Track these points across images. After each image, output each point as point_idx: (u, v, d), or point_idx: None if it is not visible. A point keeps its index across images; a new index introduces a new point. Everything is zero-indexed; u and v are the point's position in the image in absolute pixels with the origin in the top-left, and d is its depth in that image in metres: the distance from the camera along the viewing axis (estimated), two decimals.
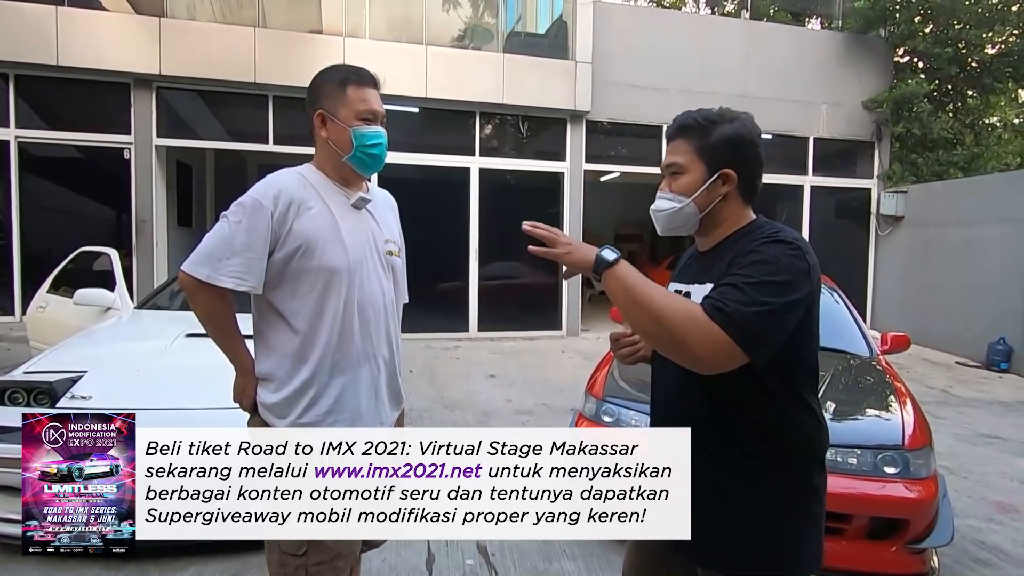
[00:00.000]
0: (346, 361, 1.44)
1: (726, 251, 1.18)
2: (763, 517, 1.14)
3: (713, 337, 0.99)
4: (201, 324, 1.43)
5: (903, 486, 2.35)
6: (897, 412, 2.67)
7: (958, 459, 4.08)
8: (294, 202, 1.40)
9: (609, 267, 1.08)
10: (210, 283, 1.34)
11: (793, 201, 9.28)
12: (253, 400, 1.46)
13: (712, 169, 1.19)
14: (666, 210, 1.23)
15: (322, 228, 1.42)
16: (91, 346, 3.20)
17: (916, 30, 9.42)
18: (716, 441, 1.16)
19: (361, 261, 1.47)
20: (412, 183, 7.93)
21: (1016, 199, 7.22)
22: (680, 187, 1.21)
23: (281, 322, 1.43)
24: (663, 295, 1.05)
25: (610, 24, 8.27)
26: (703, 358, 1.01)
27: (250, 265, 1.36)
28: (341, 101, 1.47)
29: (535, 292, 8.56)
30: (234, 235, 1.35)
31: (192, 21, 7.04)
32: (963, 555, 2.79)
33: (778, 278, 1.03)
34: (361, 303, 1.46)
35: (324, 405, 1.42)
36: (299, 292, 1.41)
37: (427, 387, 5.47)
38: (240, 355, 1.47)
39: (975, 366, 7.29)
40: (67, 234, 6.90)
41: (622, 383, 3.05)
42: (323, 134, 1.48)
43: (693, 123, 1.21)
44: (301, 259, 1.39)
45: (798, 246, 1.08)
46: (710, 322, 1.00)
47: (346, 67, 1.52)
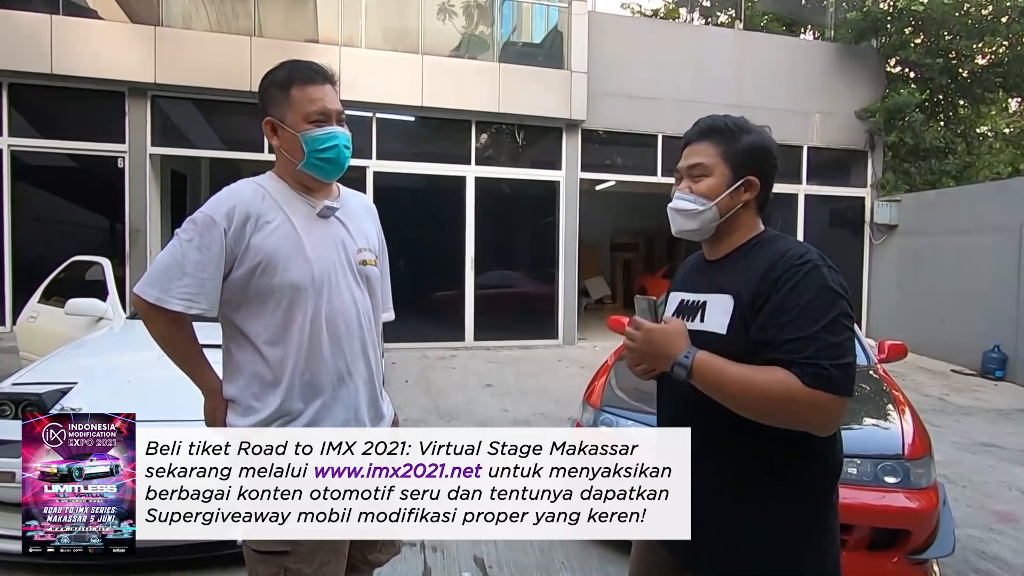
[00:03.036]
0: (318, 383, 1.34)
1: (740, 261, 1.16)
2: (788, 537, 1.11)
3: (825, 405, 0.99)
4: (160, 347, 1.35)
5: (904, 496, 2.34)
6: (896, 421, 2.66)
7: (957, 468, 4.06)
8: (251, 217, 1.30)
9: (689, 376, 1.07)
10: (159, 306, 1.26)
11: (788, 210, 9.32)
12: (223, 423, 1.37)
13: (737, 175, 1.17)
14: (687, 210, 1.19)
15: (283, 242, 1.31)
16: (82, 357, 3.16)
17: (907, 41, 9.54)
18: (742, 462, 1.11)
19: (328, 274, 1.35)
20: (408, 192, 7.92)
21: (1008, 208, 7.27)
22: (703, 189, 1.18)
23: (246, 343, 1.34)
24: (754, 380, 1.02)
25: (605, 34, 8.33)
26: (823, 426, 1.02)
27: (202, 286, 1.27)
28: (287, 105, 1.34)
29: (531, 301, 8.54)
30: (185, 254, 1.26)
31: (187, 30, 7.04)
32: (964, 565, 2.77)
33: (841, 308, 1.03)
34: (330, 318, 1.35)
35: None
36: (263, 311, 1.32)
37: (423, 397, 5.43)
38: (205, 377, 1.38)
39: (970, 374, 7.30)
40: (60, 243, 6.85)
41: (620, 393, 3.04)
42: (275, 143, 1.38)
43: (723, 127, 1.19)
44: (262, 277, 1.30)
45: (830, 265, 1.08)
46: (815, 392, 0.98)
47: (290, 65, 1.37)
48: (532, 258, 8.73)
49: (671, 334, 1.10)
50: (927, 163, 9.40)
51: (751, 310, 1.08)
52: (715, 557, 1.13)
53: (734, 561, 1.12)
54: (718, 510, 1.12)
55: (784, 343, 1.01)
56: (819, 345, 0.99)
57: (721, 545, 1.13)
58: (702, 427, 1.14)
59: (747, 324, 1.08)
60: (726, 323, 1.11)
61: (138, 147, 7.01)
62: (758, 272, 1.10)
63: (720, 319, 1.12)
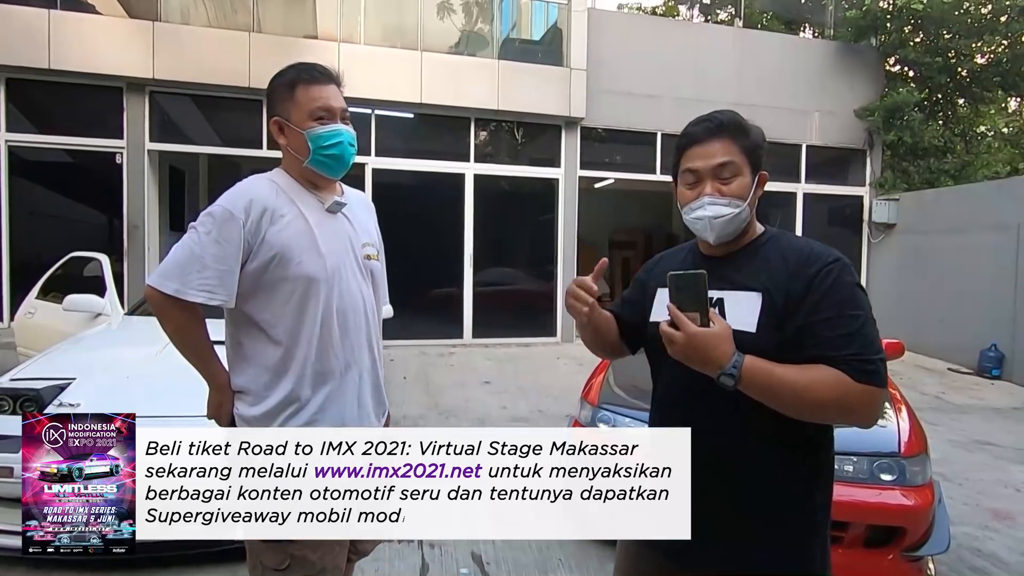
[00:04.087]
0: (327, 371, 1.39)
1: (754, 258, 1.16)
2: (792, 533, 1.12)
3: (873, 397, 1.01)
4: (171, 341, 1.37)
5: (899, 493, 2.35)
6: (893, 419, 2.66)
7: (953, 466, 4.08)
8: (267, 210, 1.34)
9: (736, 384, 1.03)
10: (179, 297, 1.28)
11: (786, 208, 9.33)
12: (230, 415, 1.40)
13: (755, 171, 1.16)
14: (726, 216, 1.13)
15: (297, 236, 1.36)
16: (80, 352, 3.16)
17: (907, 40, 9.54)
18: (755, 456, 1.11)
19: (339, 268, 1.41)
20: (407, 189, 7.92)
21: (1007, 207, 7.29)
22: (734, 190, 1.13)
23: (260, 333, 1.37)
24: (806, 382, 1.02)
25: (604, 32, 8.32)
26: (871, 418, 1.04)
27: (222, 278, 1.30)
28: (292, 104, 1.40)
29: (530, 298, 8.54)
30: (204, 247, 1.29)
31: (186, 26, 7.01)
32: (959, 563, 2.78)
33: (869, 305, 1.07)
34: (341, 310, 1.41)
35: (305, 416, 1.37)
36: (275, 302, 1.36)
37: (421, 394, 5.44)
38: (214, 370, 1.40)
39: (968, 372, 7.33)
40: (57, 239, 6.83)
41: (618, 390, 3.04)
42: (282, 141, 1.43)
43: (738, 122, 1.15)
44: (276, 269, 1.34)
45: (848, 262, 1.12)
46: (866, 387, 1.00)
47: (296, 67, 1.44)
48: (531, 256, 8.73)
49: (719, 338, 1.03)
50: (926, 162, 9.41)
51: (783, 307, 1.07)
52: (717, 556, 1.13)
53: (736, 560, 1.12)
54: (721, 507, 1.12)
55: (830, 340, 1.03)
56: (862, 341, 1.02)
57: (723, 544, 1.13)
58: (704, 425, 1.13)
59: (780, 321, 1.07)
60: (755, 321, 1.09)
61: (136, 143, 6.99)
62: (785, 269, 1.10)
63: (747, 317, 1.10)
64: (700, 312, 1.05)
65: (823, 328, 1.04)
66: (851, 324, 1.03)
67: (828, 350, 1.02)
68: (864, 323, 1.04)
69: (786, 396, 1.03)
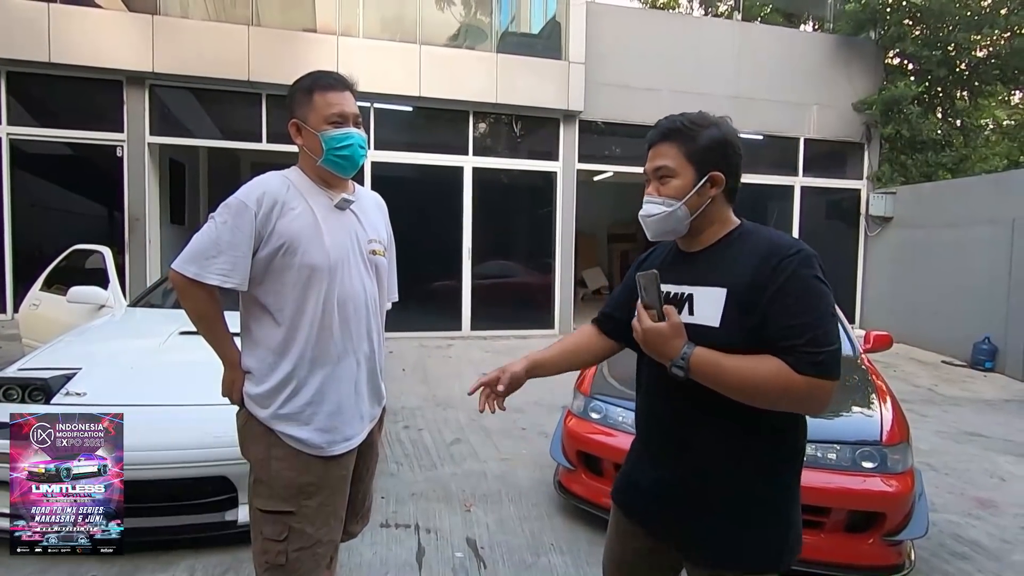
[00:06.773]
0: (325, 356, 1.49)
1: (723, 253, 1.20)
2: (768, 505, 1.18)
3: (816, 389, 1.04)
4: (191, 320, 1.48)
5: (880, 480, 2.42)
6: (877, 409, 2.74)
7: (941, 456, 4.15)
8: (278, 203, 1.46)
9: (686, 374, 1.11)
10: (198, 280, 1.40)
11: (784, 201, 9.36)
12: (241, 393, 1.51)
13: (701, 172, 1.20)
14: (657, 214, 1.23)
15: (304, 228, 1.47)
16: (85, 343, 3.22)
17: (906, 33, 9.52)
18: (716, 439, 1.17)
19: (342, 259, 1.51)
20: (406, 182, 7.95)
21: (1003, 201, 7.32)
22: (670, 191, 1.21)
23: (266, 316, 1.49)
24: (749, 372, 1.07)
25: (603, 25, 8.32)
26: (816, 408, 1.07)
27: (235, 263, 1.41)
28: (310, 108, 1.52)
29: (528, 291, 8.60)
30: (220, 235, 1.41)
31: (185, 19, 7.03)
32: (940, 548, 2.86)
33: (829, 296, 1.09)
34: (341, 300, 1.51)
35: (304, 397, 1.48)
36: (282, 288, 1.46)
37: (419, 385, 5.51)
38: (228, 350, 1.52)
39: (961, 365, 7.39)
40: (59, 232, 6.90)
41: (611, 380, 3.12)
42: (299, 141, 1.56)
43: (680, 127, 1.22)
44: (284, 257, 1.45)
45: (816, 254, 1.13)
46: (808, 378, 1.04)
47: (315, 74, 1.57)
48: (529, 248, 8.78)
49: (667, 335, 1.13)
50: (923, 156, 9.42)
51: (746, 301, 1.11)
52: (702, 538, 1.19)
53: (721, 540, 1.18)
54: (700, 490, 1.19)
55: (780, 330, 1.07)
56: (812, 332, 1.05)
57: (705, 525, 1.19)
58: (681, 409, 1.21)
59: (741, 315, 1.11)
60: (718, 316, 1.14)
61: (136, 136, 7.03)
62: (750, 264, 1.13)
63: (712, 312, 1.15)
64: (656, 309, 1.16)
65: (775, 317, 1.08)
66: (802, 315, 1.06)
67: (777, 340, 1.07)
68: (819, 315, 1.06)
69: (734, 386, 1.09)
